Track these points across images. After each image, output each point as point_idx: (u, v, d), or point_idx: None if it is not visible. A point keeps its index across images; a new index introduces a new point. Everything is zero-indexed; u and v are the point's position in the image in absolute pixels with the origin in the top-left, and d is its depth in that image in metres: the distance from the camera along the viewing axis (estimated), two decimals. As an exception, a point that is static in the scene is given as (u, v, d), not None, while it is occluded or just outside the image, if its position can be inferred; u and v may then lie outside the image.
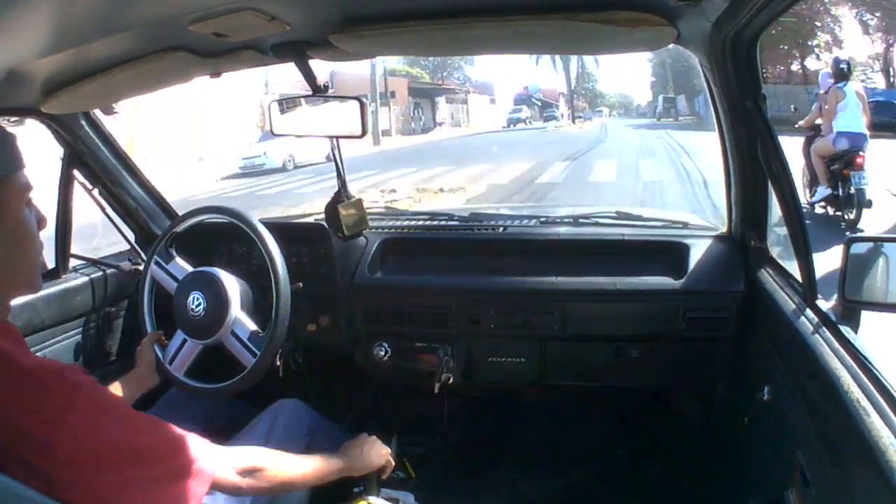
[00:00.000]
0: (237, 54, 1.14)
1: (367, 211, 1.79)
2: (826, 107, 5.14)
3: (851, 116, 4.97)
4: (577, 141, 17.87)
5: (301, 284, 1.45)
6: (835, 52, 19.54)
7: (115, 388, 1.25)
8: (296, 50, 1.14)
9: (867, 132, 4.98)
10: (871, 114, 5.28)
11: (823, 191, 5.11)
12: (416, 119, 30.54)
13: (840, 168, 4.90)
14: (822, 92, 5.44)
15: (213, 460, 0.86)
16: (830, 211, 5.13)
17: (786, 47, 21.19)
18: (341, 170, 1.31)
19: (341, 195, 1.33)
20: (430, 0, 0.94)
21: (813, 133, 5.39)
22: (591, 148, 15.33)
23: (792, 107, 5.91)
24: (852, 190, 4.74)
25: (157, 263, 1.48)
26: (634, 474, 1.68)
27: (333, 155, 1.31)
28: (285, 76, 18.21)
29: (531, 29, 0.97)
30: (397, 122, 26.71)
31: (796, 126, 5.67)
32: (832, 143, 4.96)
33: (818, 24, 20.69)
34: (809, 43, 21.26)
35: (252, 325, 1.39)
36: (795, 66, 21.80)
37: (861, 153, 4.82)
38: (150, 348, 1.41)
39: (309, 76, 1.21)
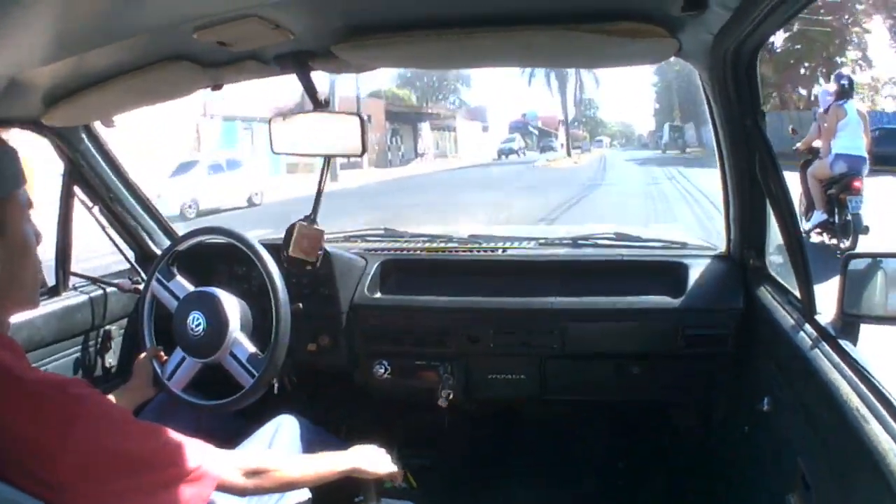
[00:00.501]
0: (239, 65, 1.16)
1: (358, 235, 1.79)
2: (826, 126, 5.01)
3: (851, 137, 4.85)
4: (566, 182, 14.57)
5: (301, 305, 1.46)
6: (864, 71, 18.84)
7: None
8: (298, 60, 1.15)
9: (867, 155, 4.88)
10: (874, 140, 5.14)
11: (819, 216, 4.98)
12: (395, 148, 27.29)
13: (837, 193, 4.80)
14: (821, 111, 5.32)
15: (218, 463, 0.86)
16: (826, 238, 5.00)
17: (811, 64, 19.98)
18: (321, 193, 1.33)
19: (308, 218, 1.34)
20: (433, 11, 0.97)
21: (810, 157, 5.26)
22: (581, 196, 11.61)
23: (790, 128, 5.77)
24: (848, 216, 4.65)
25: (159, 281, 1.48)
26: (635, 486, 1.66)
27: (321, 175, 1.33)
28: (233, 95, 15.76)
29: (533, 39, 1.00)
30: (371, 153, 23.48)
31: (793, 149, 5.54)
32: (829, 167, 4.87)
33: (847, 37, 19.34)
34: (837, 59, 19.21)
35: (251, 347, 1.39)
36: (817, 89, 20.21)
37: (859, 176, 4.74)
38: (147, 363, 1.41)
39: (310, 89, 1.22)
